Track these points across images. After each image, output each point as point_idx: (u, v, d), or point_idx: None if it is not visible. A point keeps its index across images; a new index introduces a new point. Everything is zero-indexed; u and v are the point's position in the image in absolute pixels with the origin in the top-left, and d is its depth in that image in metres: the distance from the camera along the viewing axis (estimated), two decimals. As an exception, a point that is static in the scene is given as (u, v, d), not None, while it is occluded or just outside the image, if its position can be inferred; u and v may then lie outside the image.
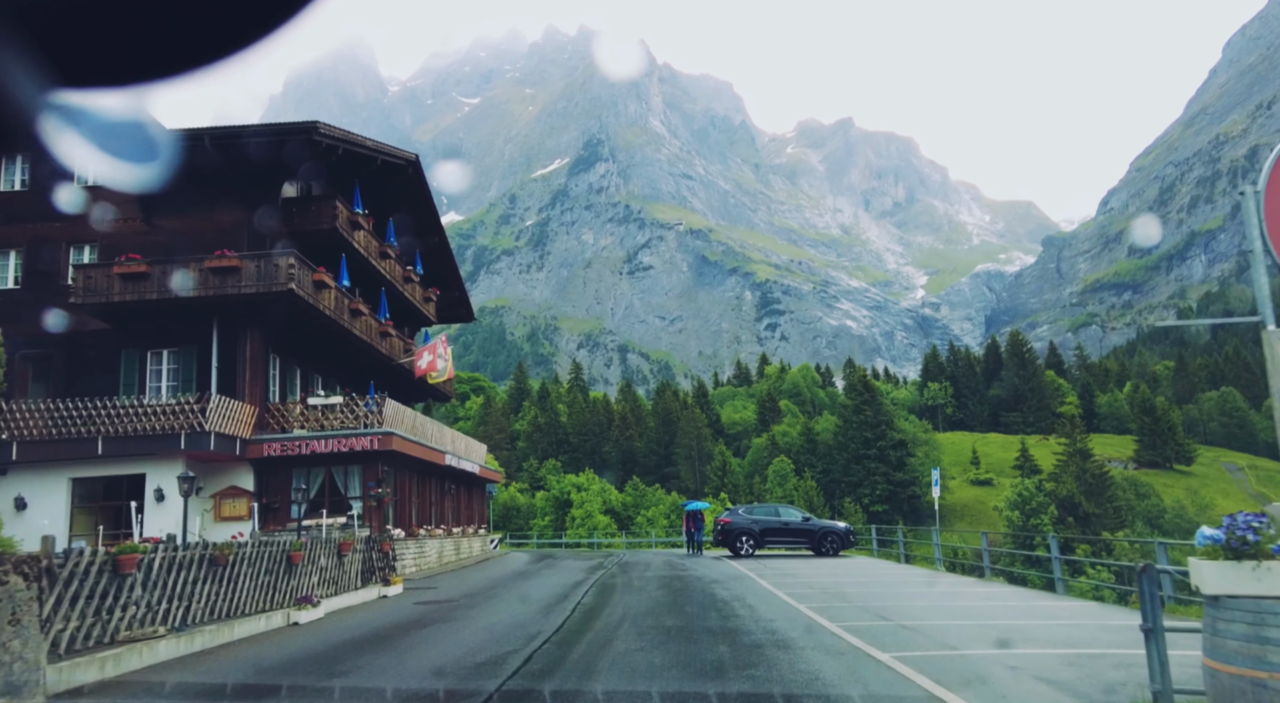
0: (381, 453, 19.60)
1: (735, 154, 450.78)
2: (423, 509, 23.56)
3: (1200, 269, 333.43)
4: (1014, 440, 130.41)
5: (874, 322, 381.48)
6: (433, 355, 24.75)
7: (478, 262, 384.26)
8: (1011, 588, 16.82)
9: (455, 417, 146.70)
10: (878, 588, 15.04)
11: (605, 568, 20.85)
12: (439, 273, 31.17)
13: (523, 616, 11.39)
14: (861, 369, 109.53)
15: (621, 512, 71.62)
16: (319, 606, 11.56)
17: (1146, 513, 76.97)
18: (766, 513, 25.56)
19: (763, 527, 24.91)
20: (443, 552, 24.17)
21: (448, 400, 32.28)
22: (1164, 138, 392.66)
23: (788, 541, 25.14)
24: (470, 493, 29.28)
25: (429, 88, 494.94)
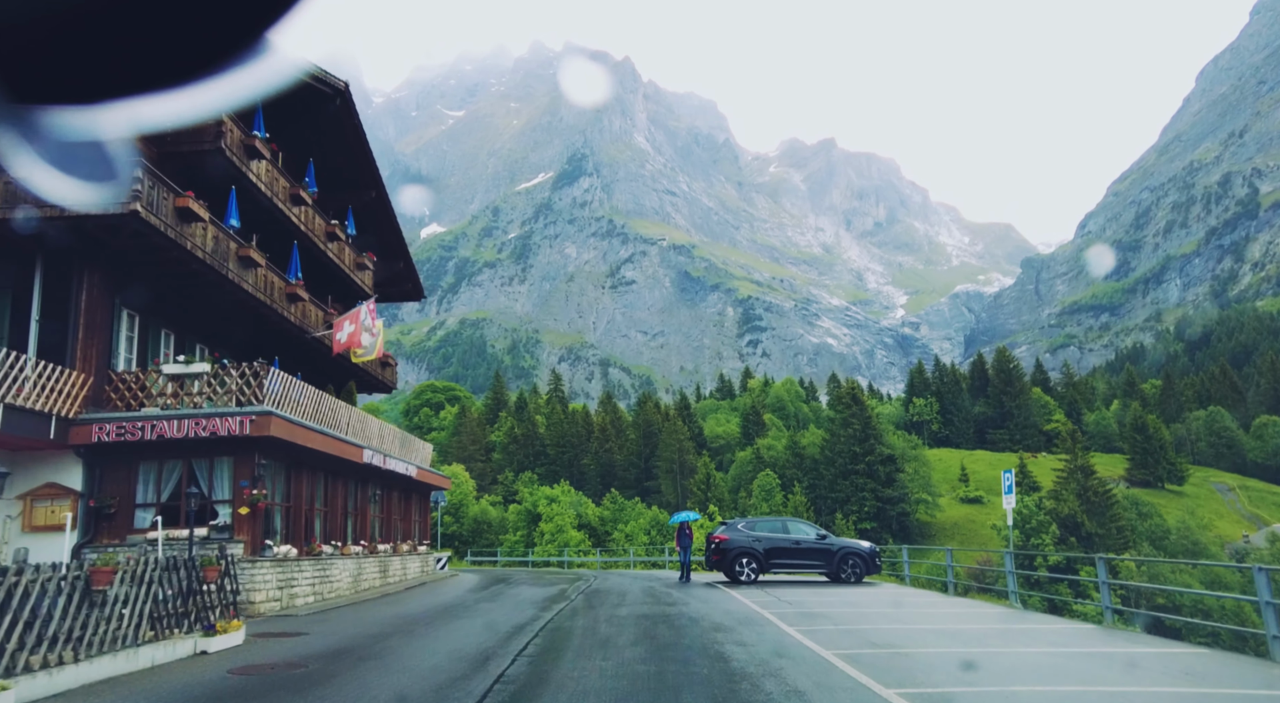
0: (258, 441, 14.13)
1: (719, 172, 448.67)
2: (332, 520, 18.04)
3: (1175, 292, 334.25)
4: (1002, 458, 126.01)
5: (854, 340, 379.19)
6: (355, 326, 19.28)
7: (459, 273, 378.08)
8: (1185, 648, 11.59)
9: (429, 427, 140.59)
10: (979, 645, 9.74)
11: (567, 600, 15.48)
12: (379, 237, 25.76)
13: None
14: (852, 381, 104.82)
15: (599, 526, 65.98)
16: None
17: (1149, 534, 72.44)
18: (772, 529, 20.20)
19: (768, 546, 19.62)
20: (360, 576, 18.66)
21: (389, 391, 26.81)
22: (1140, 163, 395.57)
23: (799, 563, 19.83)
24: (408, 502, 23.79)
25: (413, 100, 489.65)
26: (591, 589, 18.43)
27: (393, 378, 26.11)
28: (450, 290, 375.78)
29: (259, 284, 17.59)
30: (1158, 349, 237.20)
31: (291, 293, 19.13)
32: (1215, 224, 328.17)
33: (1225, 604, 43.52)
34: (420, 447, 24.46)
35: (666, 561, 31.42)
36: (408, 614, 13.76)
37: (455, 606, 15.19)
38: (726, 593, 16.49)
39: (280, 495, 15.75)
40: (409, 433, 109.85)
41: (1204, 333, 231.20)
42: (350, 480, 19.21)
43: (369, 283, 24.89)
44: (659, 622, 11.44)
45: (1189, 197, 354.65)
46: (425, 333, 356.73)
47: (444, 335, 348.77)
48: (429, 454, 25.10)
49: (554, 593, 17.28)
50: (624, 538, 44.42)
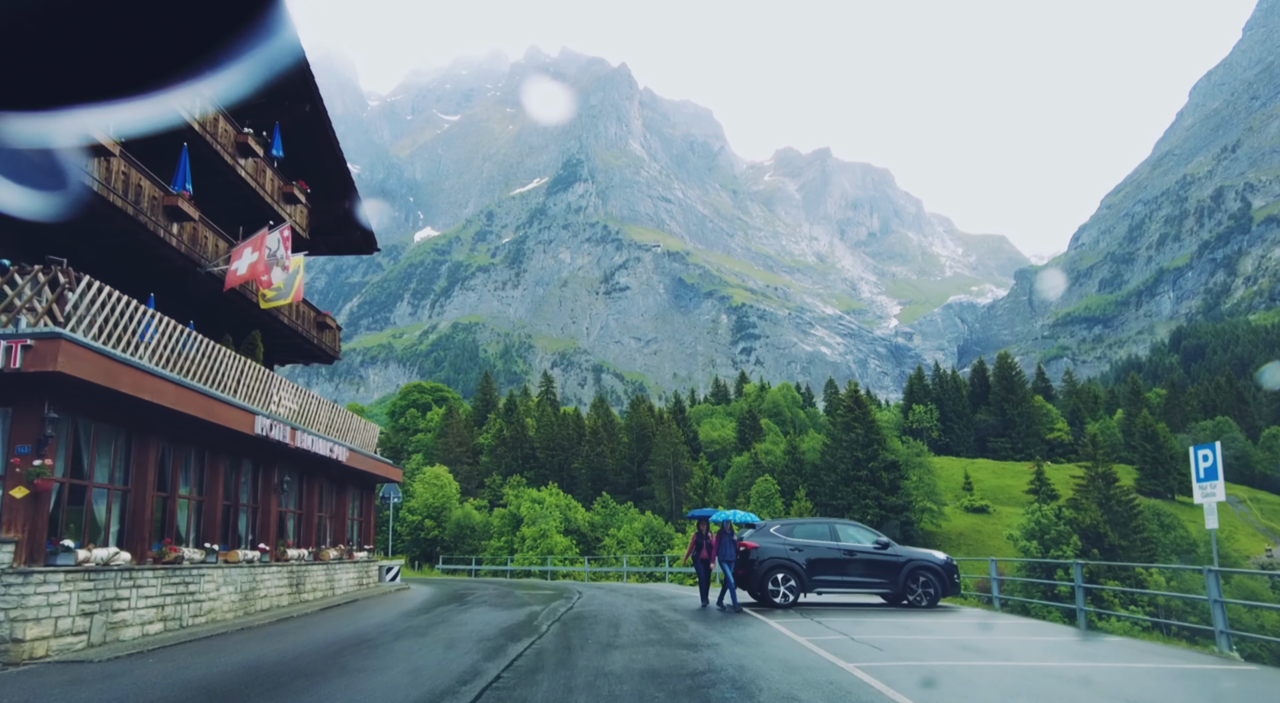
0: (46, 382, 8.92)
1: (713, 179, 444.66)
2: (209, 514, 12.77)
3: (1168, 305, 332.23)
4: (1005, 467, 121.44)
5: (848, 349, 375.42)
6: (258, 254, 14.03)
7: (452, 278, 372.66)
8: None
9: (416, 428, 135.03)
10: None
11: (534, 634, 10.26)
12: (318, 168, 20.56)
13: None
14: (854, 384, 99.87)
15: (588, 532, 60.64)
16: None
17: (1175, 546, 67.55)
18: (816, 534, 14.92)
19: (812, 557, 14.44)
20: (255, 592, 13.39)
21: (329, 361, 21.53)
22: (1133, 177, 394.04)
23: (852, 581, 14.62)
24: (340, 495, 18.54)
25: (409, 104, 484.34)
26: (572, 614, 13.20)
27: (334, 344, 20.87)
28: (443, 294, 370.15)
29: (113, 181, 12.33)
30: (1152, 361, 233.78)
31: (171, 206, 13.85)
32: (1208, 238, 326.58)
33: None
34: (360, 426, 19.20)
35: (666, 571, 26.29)
36: (270, 660, 8.53)
37: (363, 642, 9.96)
38: (767, 626, 11.25)
39: (113, 474, 10.49)
40: (396, 432, 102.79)
41: (1199, 345, 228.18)
42: (243, 460, 13.97)
43: (303, 222, 19.69)
44: (682, 695, 6.20)
45: (1182, 210, 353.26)
46: (417, 337, 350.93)
47: (436, 339, 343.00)
48: (373, 437, 19.87)
49: (518, 620, 12.05)
50: (615, 545, 38.96)
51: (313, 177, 20.49)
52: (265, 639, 10.35)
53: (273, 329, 18.44)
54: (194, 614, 11.44)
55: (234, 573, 12.62)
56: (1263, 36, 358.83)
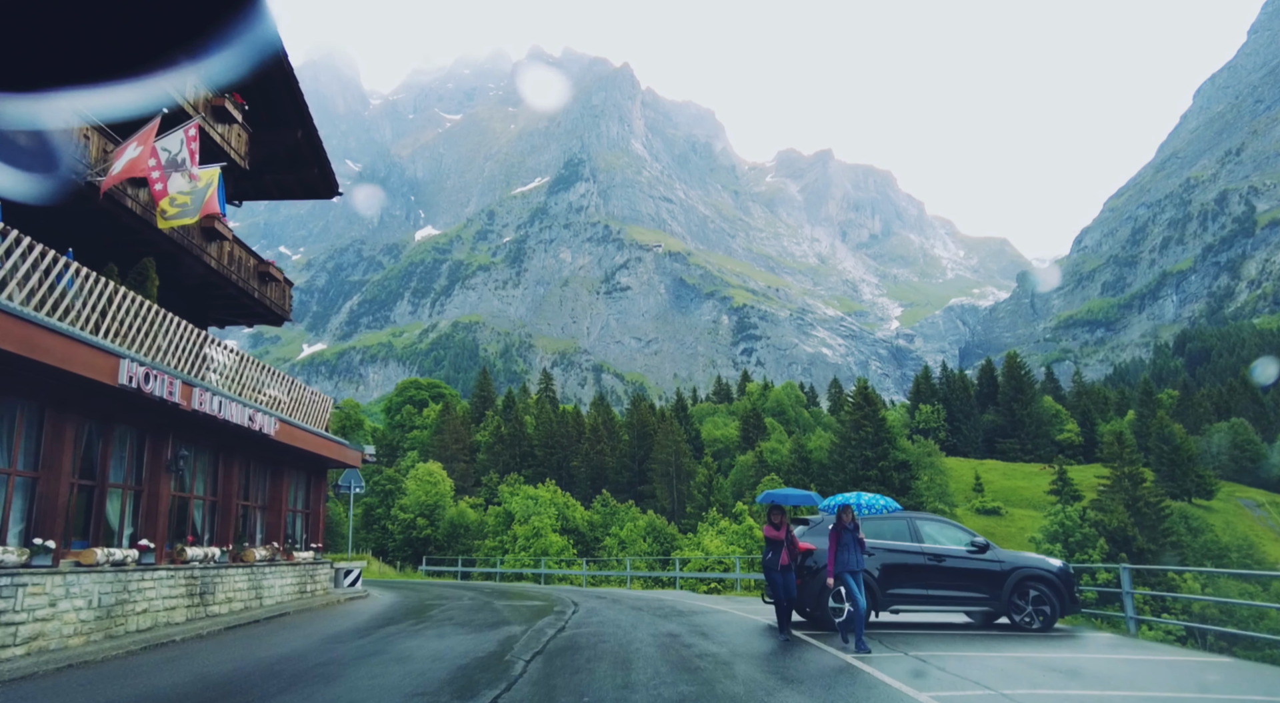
0: None
1: (715, 180, 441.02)
2: (49, 497, 8.91)
3: (1172, 309, 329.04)
4: (1015, 468, 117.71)
5: (849, 351, 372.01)
6: (145, 150, 10.20)
7: (453, 276, 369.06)
8: None
9: (412, 425, 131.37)
10: None
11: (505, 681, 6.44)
12: (265, 93, 16.76)
13: None
14: (863, 381, 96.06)
15: (587, 532, 56.78)
16: None
17: (1205, 550, 63.66)
18: (892, 533, 11.06)
19: (887, 562, 10.65)
20: (124, 607, 9.56)
21: (278, 322, 17.69)
22: (1137, 180, 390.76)
23: (941, 595, 10.75)
24: (276, 480, 14.72)
25: (410, 103, 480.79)
26: (562, 640, 9.34)
27: (281, 300, 17.05)
28: (443, 293, 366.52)
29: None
30: (1157, 364, 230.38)
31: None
32: (1212, 241, 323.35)
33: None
34: (308, 399, 15.35)
35: (676, 576, 22.43)
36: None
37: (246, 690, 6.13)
38: (854, 670, 7.36)
39: None
40: (392, 429, 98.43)
41: (1204, 348, 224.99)
42: (115, 426, 10.15)
43: (241, 149, 15.89)
44: None
45: (1185, 214, 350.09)
46: (417, 336, 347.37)
47: (436, 338, 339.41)
48: (324, 412, 16.03)
49: (485, 652, 8.22)
50: (616, 546, 35.04)
51: (258, 101, 16.75)
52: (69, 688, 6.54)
53: (204, 282, 14.65)
54: (14, 644, 7.68)
55: (87, 581, 8.82)
56: (1268, 39, 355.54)
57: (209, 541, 12.10)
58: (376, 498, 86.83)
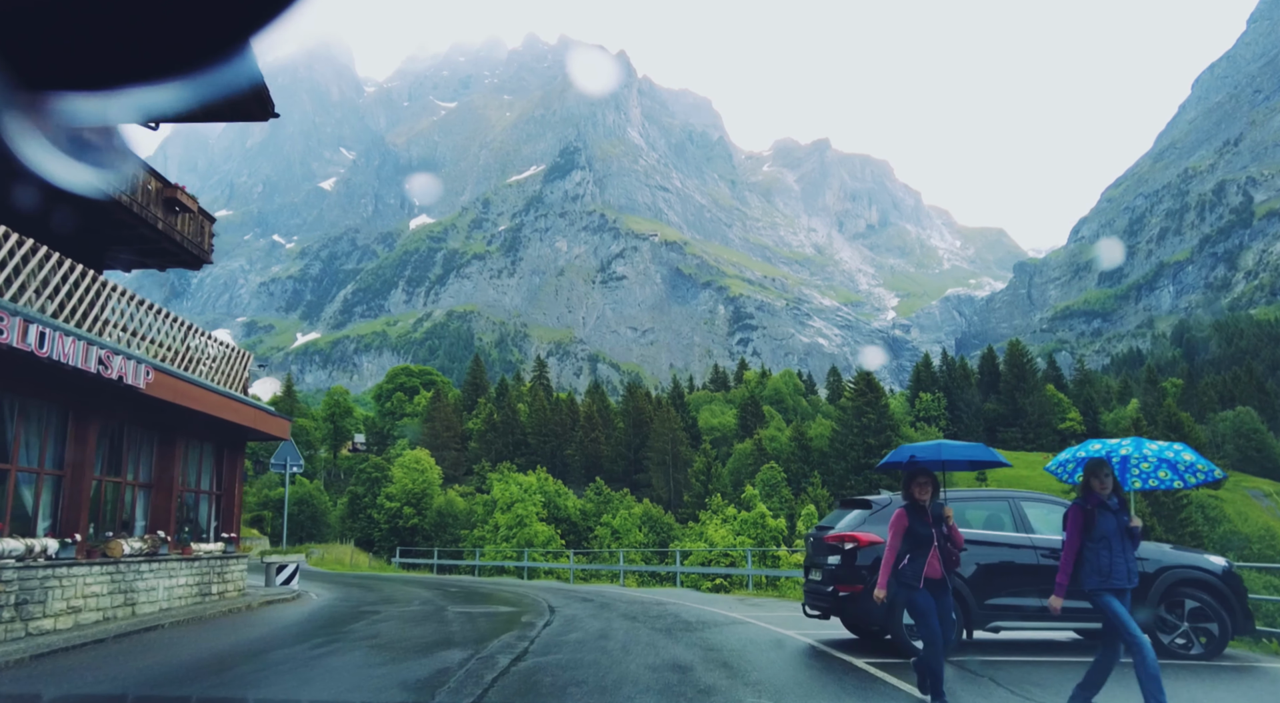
0: None
1: (712, 170, 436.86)
2: None
3: (1168, 300, 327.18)
4: (1018, 457, 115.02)
5: (845, 341, 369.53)
6: None
7: (448, 265, 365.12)
8: None
9: (403, 413, 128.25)
10: None
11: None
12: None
13: None
14: (864, 372, 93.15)
15: (580, 522, 53.73)
16: None
17: (1223, 540, 60.92)
18: (987, 520, 8.00)
19: (984, 562, 7.49)
20: None
21: (198, 265, 14.30)
22: (1134, 170, 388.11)
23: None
24: (168, 453, 11.45)
25: (405, 91, 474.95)
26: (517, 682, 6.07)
27: (198, 237, 13.72)
28: (438, 282, 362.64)
29: None
30: (1155, 354, 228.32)
31: None
32: (1209, 232, 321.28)
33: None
34: (219, 353, 11.99)
35: (677, 571, 19.09)
36: None
37: None
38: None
39: None
40: (382, 417, 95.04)
41: (1202, 338, 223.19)
42: None
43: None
44: None
45: (1183, 204, 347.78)
46: (411, 325, 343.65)
47: (430, 327, 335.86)
48: (242, 369, 12.72)
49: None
50: (609, 536, 31.55)
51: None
52: None
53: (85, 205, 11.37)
54: None
55: None
56: (1267, 29, 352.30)
57: (48, 529, 8.94)
58: (363, 487, 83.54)
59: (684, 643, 8.26)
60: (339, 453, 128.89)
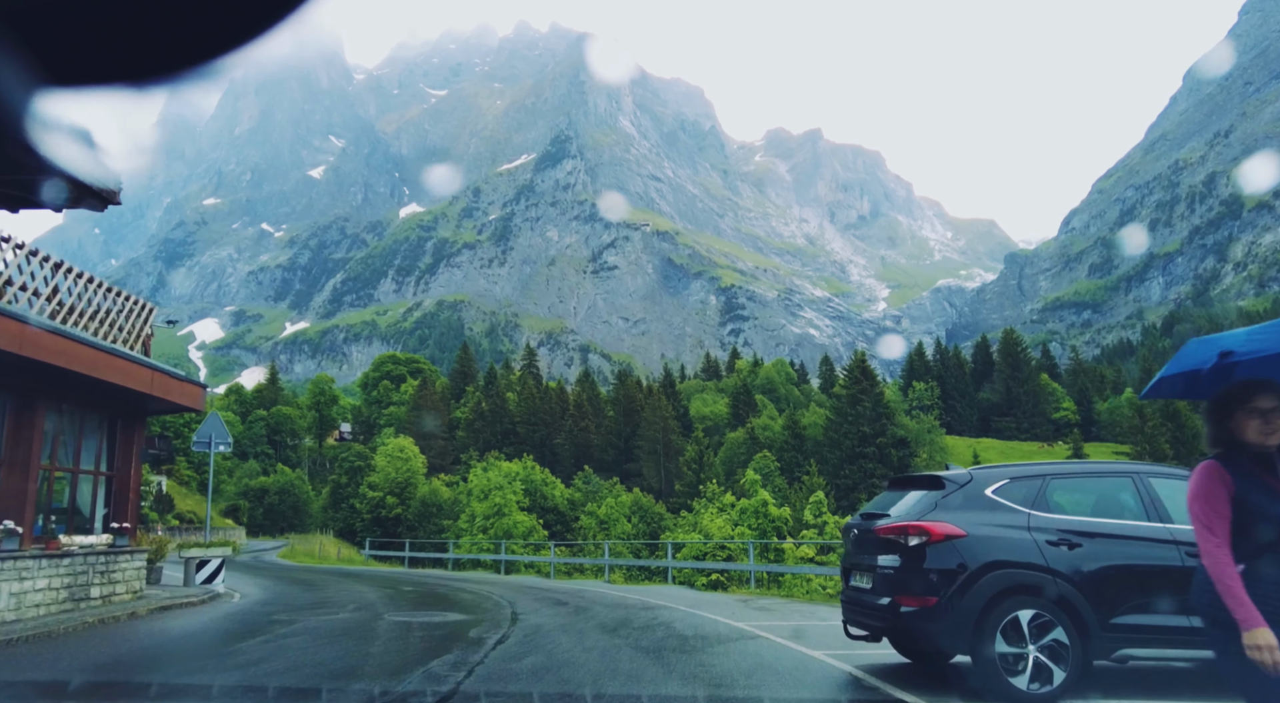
0: None
1: (704, 159, 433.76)
2: None
3: (1158, 291, 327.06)
4: (1013, 447, 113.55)
5: (836, 331, 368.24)
6: None
7: (437, 254, 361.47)
8: None
9: (389, 401, 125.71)
10: None
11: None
12: None
13: None
14: (861, 353, 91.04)
15: (568, 512, 51.48)
16: None
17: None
18: (1102, 506, 5.65)
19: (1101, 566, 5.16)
20: None
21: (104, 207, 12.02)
22: (1125, 161, 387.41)
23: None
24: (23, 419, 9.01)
25: (395, 78, 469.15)
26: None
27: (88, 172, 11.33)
28: (428, 272, 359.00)
29: None
30: (1145, 345, 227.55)
31: None
32: (1199, 223, 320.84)
33: None
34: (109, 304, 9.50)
35: (669, 565, 16.62)
36: None
37: None
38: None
39: None
40: (369, 405, 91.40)
41: (1193, 329, 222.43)
42: None
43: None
44: None
45: (1173, 195, 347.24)
46: (401, 314, 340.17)
47: (420, 317, 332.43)
48: (140, 324, 10.22)
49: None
50: (595, 526, 28.96)
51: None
52: None
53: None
54: None
55: None
56: (1259, 20, 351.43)
57: None
58: (345, 476, 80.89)
59: (680, 674, 5.93)
60: (324, 442, 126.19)
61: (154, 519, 42.29)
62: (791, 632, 8.68)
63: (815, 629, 8.80)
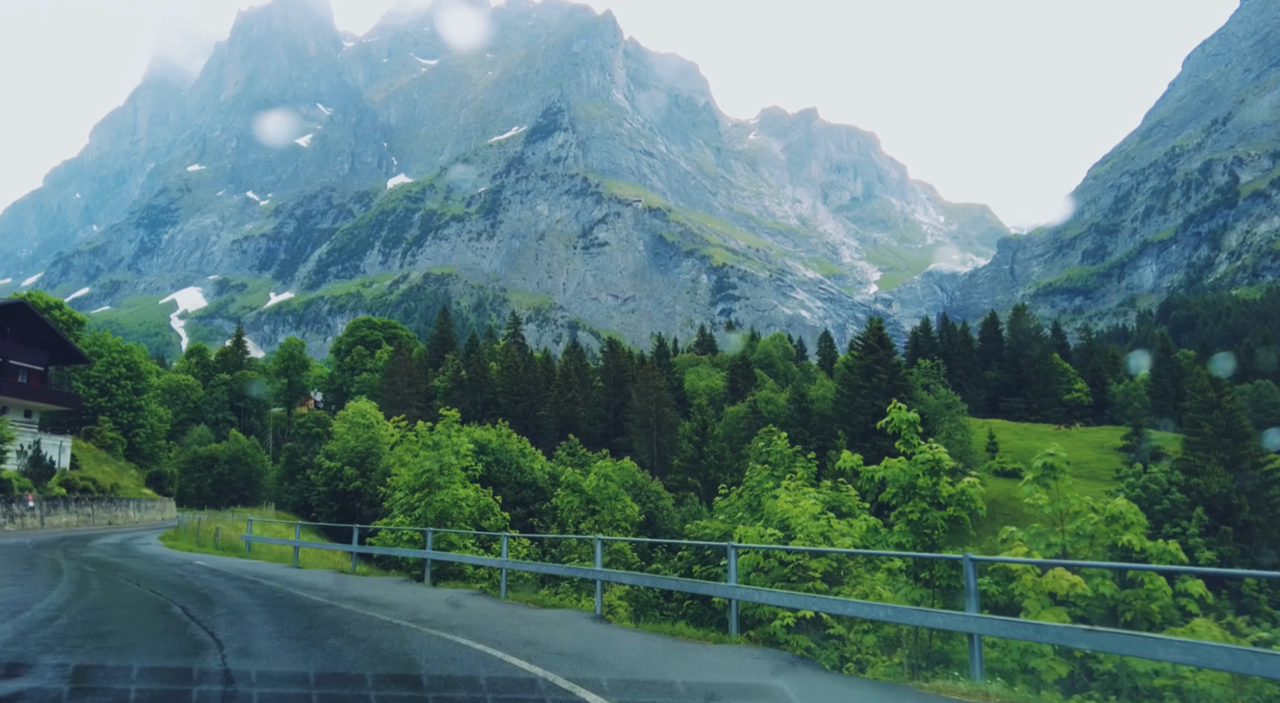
0: None
1: (698, 136, 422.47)
2: None
3: (1151, 278, 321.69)
4: (1027, 428, 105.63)
5: (827, 313, 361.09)
6: None
7: (425, 226, 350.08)
8: None
9: (363, 368, 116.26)
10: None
11: None
12: None
13: None
14: (877, 320, 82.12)
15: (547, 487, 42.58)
16: None
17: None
18: None
19: None
20: None
21: None
22: (1121, 147, 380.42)
23: None
24: None
25: (385, 46, 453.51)
26: None
27: None
28: (415, 244, 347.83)
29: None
30: (1141, 331, 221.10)
31: None
32: (1194, 211, 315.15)
33: None
34: None
35: (732, 597, 8.36)
36: None
37: None
38: None
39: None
40: (341, 372, 78.57)
41: (1189, 316, 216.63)
42: None
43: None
44: None
45: (1169, 183, 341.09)
46: (387, 287, 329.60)
47: (407, 289, 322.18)
48: None
49: None
50: (579, 504, 18.27)
51: None
52: None
53: None
54: None
55: None
56: (1260, 6, 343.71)
57: None
58: (301, 445, 71.47)
59: None
60: (293, 411, 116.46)
61: (24, 486, 32.63)
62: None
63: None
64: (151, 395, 66.98)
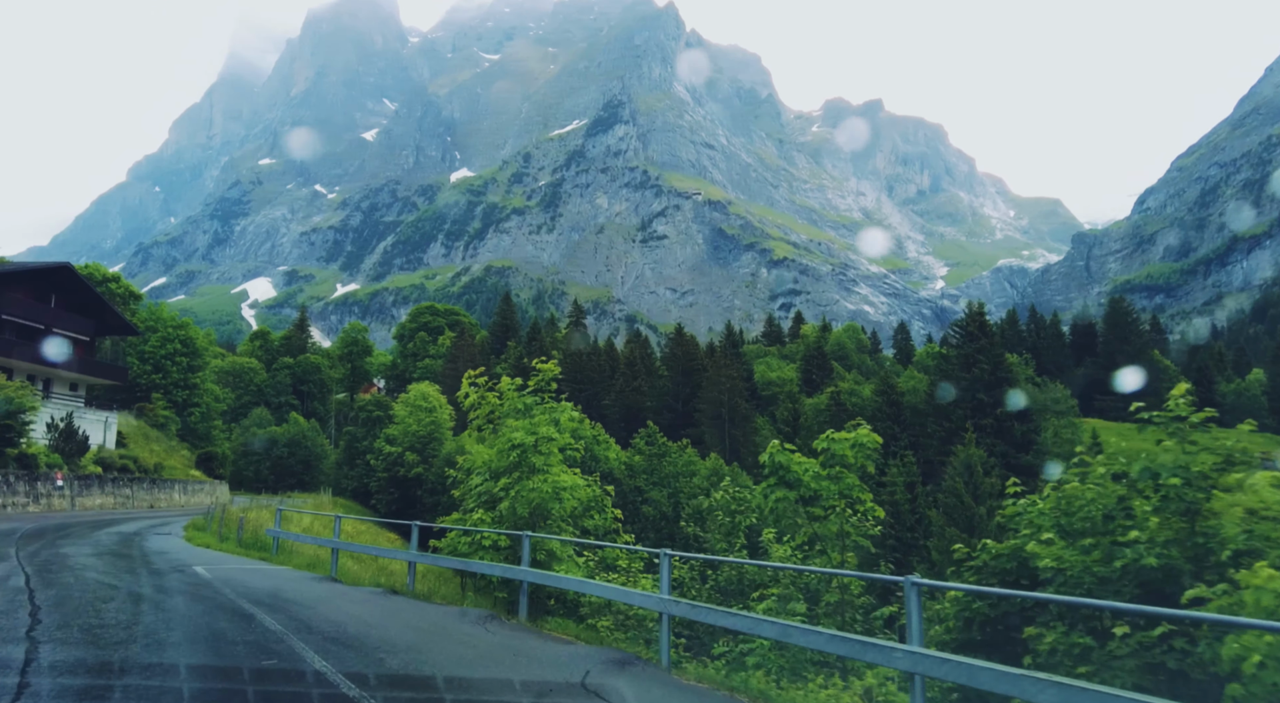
0: None
1: (759, 128, 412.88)
2: None
3: (1240, 276, 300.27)
4: (1129, 429, 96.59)
5: (891, 309, 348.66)
6: None
7: (487, 219, 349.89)
8: None
9: (425, 354, 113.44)
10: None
11: None
12: None
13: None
14: (979, 304, 74.96)
15: (627, 482, 37.64)
16: None
17: None
18: None
19: None
20: None
21: None
22: (1209, 137, 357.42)
23: None
24: None
25: (449, 41, 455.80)
26: None
27: None
28: (477, 236, 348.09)
29: None
30: (1231, 331, 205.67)
31: None
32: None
33: None
34: None
35: None
36: None
37: None
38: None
39: None
40: (404, 358, 72.70)
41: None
42: None
43: None
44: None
45: (1263, 174, 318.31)
46: (449, 279, 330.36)
47: (468, 282, 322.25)
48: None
49: None
50: (723, 502, 12.78)
51: None
52: None
53: None
54: None
55: None
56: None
57: None
58: (362, 429, 67.93)
59: None
60: (356, 396, 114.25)
61: (54, 463, 28.76)
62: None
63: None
64: (208, 374, 64.11)
